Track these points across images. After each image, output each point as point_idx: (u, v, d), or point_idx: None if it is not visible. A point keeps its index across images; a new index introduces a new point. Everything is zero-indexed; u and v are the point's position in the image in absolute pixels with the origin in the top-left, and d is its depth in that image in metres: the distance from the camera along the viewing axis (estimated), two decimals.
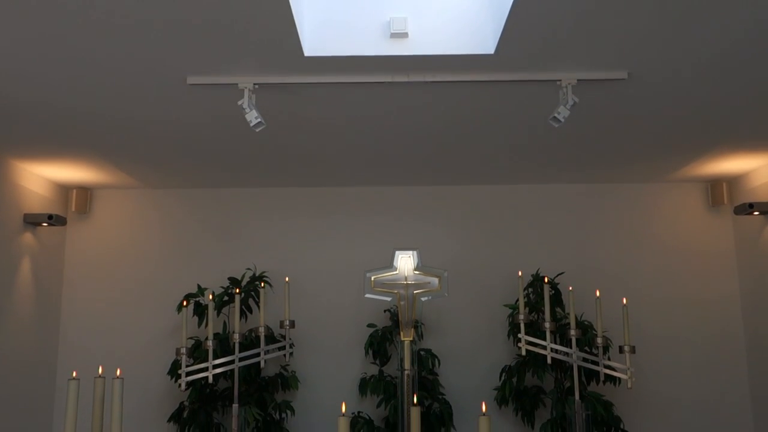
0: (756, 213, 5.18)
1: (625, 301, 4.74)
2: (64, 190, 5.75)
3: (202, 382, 4.92)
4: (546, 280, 4.99)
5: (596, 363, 4.72)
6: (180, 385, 4.62)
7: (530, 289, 5.34)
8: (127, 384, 3.94)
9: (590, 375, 5.12)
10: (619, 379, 4.93)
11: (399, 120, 4.23)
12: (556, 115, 3.50)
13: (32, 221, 5.21)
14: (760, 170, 5.31)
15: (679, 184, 5.87)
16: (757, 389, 5.47)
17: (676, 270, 5.77)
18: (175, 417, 5.14)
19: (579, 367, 4.82)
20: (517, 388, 5.22)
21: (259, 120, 3.48)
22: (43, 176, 5.41)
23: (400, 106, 3.97)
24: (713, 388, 5.60)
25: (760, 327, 5.42)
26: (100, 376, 3.84)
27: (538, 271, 5.46)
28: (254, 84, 3.49)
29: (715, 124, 4.29)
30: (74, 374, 3.71)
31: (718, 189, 5.76)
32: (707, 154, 4.98)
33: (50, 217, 5.21)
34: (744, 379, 5.59)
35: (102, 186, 5.78)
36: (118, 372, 3.84)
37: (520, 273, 4.94)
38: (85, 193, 5.80)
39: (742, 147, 4.80)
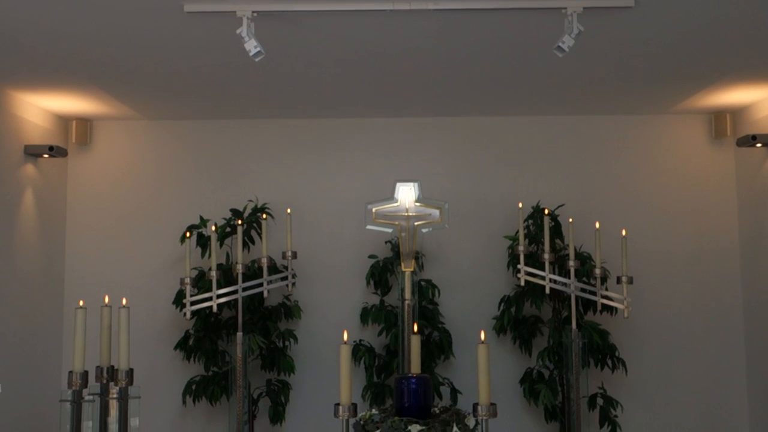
0: (759, 145, 5.15)
1: (624, 232, 4.79)
2: (63, 121, 5.72)
3: (207, 312, 5.02)
4: (546, 211, 5.02)
5: (594, 293, 4.81)
6: (185, 314, 4.72)
7: (530, 221, 5.37)
8: (133, 313, 4.01)
9: (587, 305, 5.21)
10: (616, 308, 5.02)
11: (400, 50, 4.16)
12: (560, 44, 3.44)
13: (33, 153, 5.20)
14: (764, 101, 5.25)
15: (683, 116, 5.82)
16: (751, 320, 5.57)
17: (677, 202, 5.78)
18: (181, 345, 5.26)
19: (577, 297, 4.90)
20: (516, 317, 5.33)
21: (258, 49, 3.42)
22: (42, 107, 5.37)
23: (402, 35, 3.89)
24: (708, 319, 5.70)
25: (757, 259, 5.48)
26: (106, 305, 3.91)
27: (538, 202, 5.48)
28: (253, 12, 3.42)
29: (721, 53, 4.22)
30: (81, 303, 3.78)
31: (722, 120, 5.72)
32: (712, 85, 4.92)
33: (51, 148, 5.19)
34: (739, 311, 5.69)
35: (102, 117, 5.74)
36: (123, 301, 3.91)
37: (520, 204, 4.96)
38: (85, 124, 5.76)
39: (748, 77, 4.73)
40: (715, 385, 5.65)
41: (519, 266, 4.83)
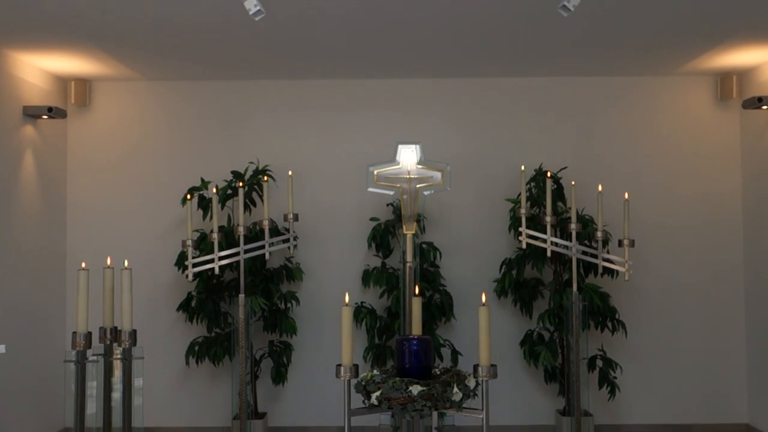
0: (765, 107, 5.10)
1: (626, 195, 4.77)
2: (62, 82, 5.66)
3: (209, 273, 5.04)
4: (548, 174, 4.99)
5: (595, 256, 4.81)
6: (187, 276, 4.74)
7: (532, 184, 5.35)
8: (136, 275, 4.02)
9: (588, 268, 5.22)
10: (617, 271, 5.03)
11: (403, 10, 4.09)
12: (565, 3, 3.38)
13: (32, 114, 5.16)
14: None
15: (688, 78, 5.75)
16: (752, 285, 5.58)
17: (680, 165, 5.75)
18: (184, 306, 5.29)
19: (578, 260, 4.91)
20: (517, 280, 5.34)
21: (258, 8, 3.37)
22: (40, 68, 5.31)
23: None
24: (709, 283, 5.71)
25: (760, 223, 5.46)
26: (108, 267, 3.91)
27: (541, 165, 5.45)
28: None
29: (728, 14, 4.15)
30: (83, 265, 3.79)
31: (728, 82, 5.65)
32: (719, 46, 4.85)
33: (50, 109, 5.15)
34: (740, 276, 5.70)
35: (101, 78, 5.68)
36: (125, 263, 3.91)
37: (522, 167, 4.94)
38: (84, 85, 5.71)
39: (755, 38, 4.66)
40: (714, 348, 5.69)
41: (520, 229, 4.82)
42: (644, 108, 5.78)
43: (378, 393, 2.70)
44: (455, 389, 2.72)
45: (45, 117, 5.23)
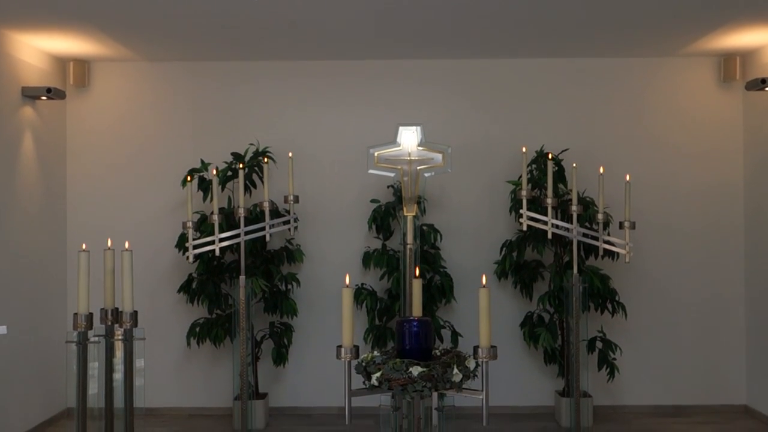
0: None
1: (628, 177, 4.75)
2: (61, 63, 5.63)
3: (209, 255, 5.04)
4: (550, 156, 4.98)
5: (596, 238, 4.80)
6: (188, 258, 4.74)
7: (534, 166, 5.33)
8: (136, 257, 4.03)
9: (589, 250, 5.22)
10: (617, 254, 5.03)
11: None
12: None
13: (31, 95, 5.13)
14: None
15: (691, 59, 5.71)
16: (752, 271, 5.59)
17: (682, 147, 5.73)
18: (185, 288, 5.30)
19: (578, 242, 4.90)
20: (517, 262, 5.35)
21: None
22: (39, 48, 5.27)
23: None
24: (709, 267, 5.71)
25: (760, 206, 5.45)
26: (109, 248, 3.92)
27: (542, 147, 5.43)
28: None
29: None
30: (83, 247, 3.79)
31: (731, 64, 5.61)
32: (722, 27, 4.81)
33: (49, 90, 5.13)
34: (740, 259, 5.70)
35: (100, 59, 5.65)
36: (126, 245, 3.91)
37: (524, 149, 4.92)
38: (82, 65, 5.67)
39: (759, 19, 4.62)
40: (714, 330, 5.71)
41: (521, 211, 4.82)
42: (647, 89, 5.74)
43: (378, 374, 2.71)
44: (455, 370, 2.73)
45: (44, 98, 5.21)
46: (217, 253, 4.75)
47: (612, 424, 5.36)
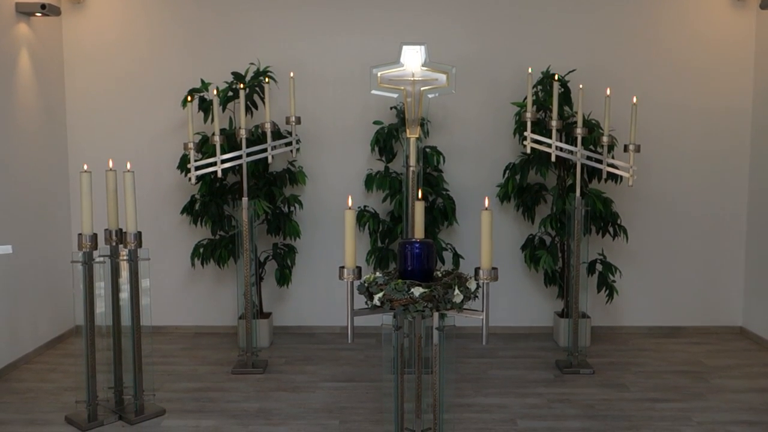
0: None
1: (634, 99, 4.67)
2: None
3: (212, 177, 5.03)
4: (556, 77, 4.88)
5: (600, 161, 4.77)
6: (190, 179, 4.73)
7: (539, 87, 5.24)
8: (138, 178, 4.02)
9: (592, 173, 5.19)
10: (621, 177, 5.00)
11: None
12: None
13: (25, 11, 5.00)
14: None
15: None
16: (754, 193, 5.57)
17: (691, 69, 5.61)
18: (188, 209, 5.32)
19: (582, 165, 4.87)
20: (520, 185, 5.33)
21: None
22: None
23: None
24: (712, 191, 5.70)
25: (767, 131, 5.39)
26: (110, 169, 3.90)
27: (548, 68, 5.32)
28: None
29: None
30: (85, 167, 3.77)
31: None
32: None
33: (43, 6, 4.98)
34: (744, 184, 5.67)
35: None
36: (128, 165, 3.90)
37: (529, 70, 4.82)
38: None
39: None
40: (714, 253, 5.75)
41: (525, 133, 4.76)
42: (656, 8, 5.57)
43: (380, 294, 2.74)
44: (456, 291, 2.76)
45: (38, 15, 5.07)
46: (219, 174, 4.73)
47: (609, 344, 5.47)
